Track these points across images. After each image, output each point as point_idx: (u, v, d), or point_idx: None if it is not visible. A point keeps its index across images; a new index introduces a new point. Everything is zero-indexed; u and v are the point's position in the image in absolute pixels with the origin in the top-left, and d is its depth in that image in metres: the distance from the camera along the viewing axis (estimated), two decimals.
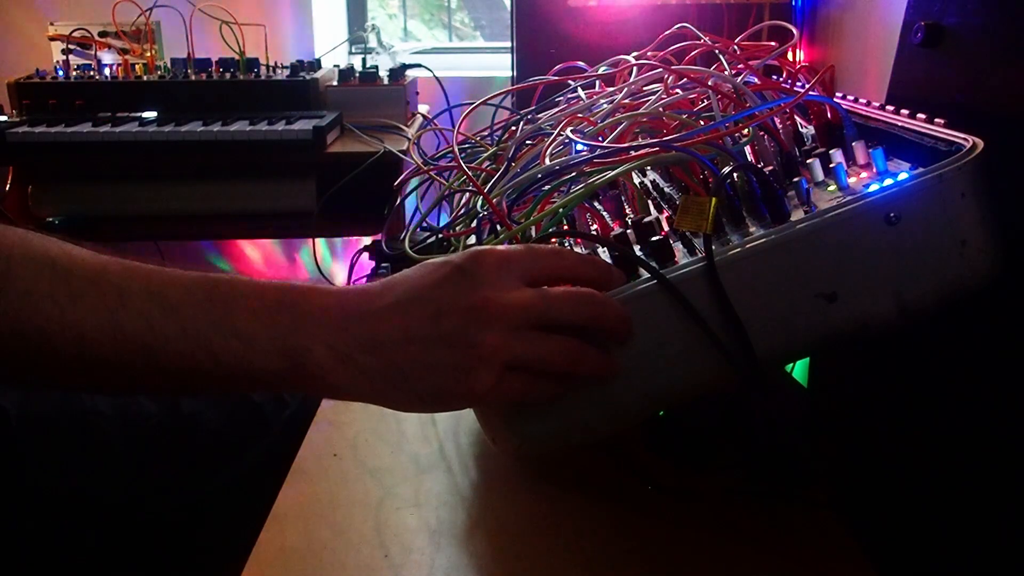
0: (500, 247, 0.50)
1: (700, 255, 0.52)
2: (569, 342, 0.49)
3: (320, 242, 1.85)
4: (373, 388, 0.49)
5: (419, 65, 1.60)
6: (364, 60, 1.60)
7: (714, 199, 0.52)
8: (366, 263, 1.05)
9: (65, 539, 0.71)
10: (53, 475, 0.74)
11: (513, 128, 0.91)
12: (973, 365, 0.60)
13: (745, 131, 0.62)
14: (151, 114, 1.42)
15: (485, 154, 0.89)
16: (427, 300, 0.48)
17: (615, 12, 1.33)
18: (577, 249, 0.64)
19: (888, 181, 0.53)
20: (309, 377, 0.47)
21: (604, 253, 0.61)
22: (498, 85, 1.67)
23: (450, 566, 0.54)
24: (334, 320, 0.47)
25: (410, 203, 1.01)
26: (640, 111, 0.68)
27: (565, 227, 0.63)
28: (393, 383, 0.48)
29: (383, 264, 1.00)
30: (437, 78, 1.55)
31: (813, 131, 0.68)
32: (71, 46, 1.50)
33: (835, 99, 0.67)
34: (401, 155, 1.32)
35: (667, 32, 0.85)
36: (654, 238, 0.54)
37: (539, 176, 0.64)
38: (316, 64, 1.56)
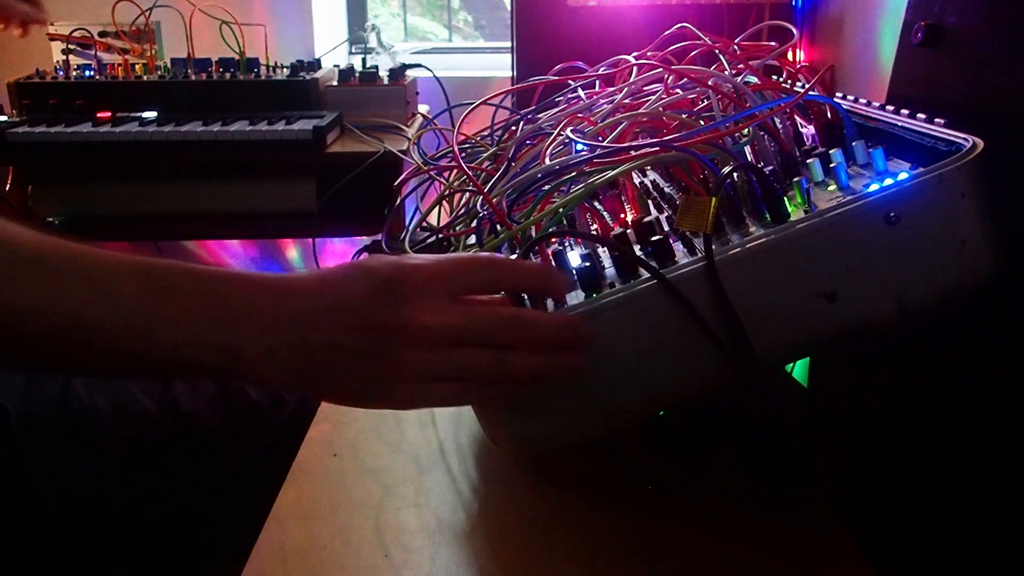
0: (430, 261, 0.50)
1: (700, 255, 0.52)
2: (491, 356, 0.50)
3: (320, 242, 1.85)
4: (300, 385, 0.51)
5: (419, 65, 1.60)
6: (364, 60, 1.60)
7: (714, 199, 0.52)
8: None
9: (64, 538, 0.71)
10: (52, 473, 0.74)
11: (513, 128, 0.91)
12: (973, 365, 0.60)
13: (745, 131, 0.62)
14: (151, 114, 1.42)
15: (485, 154, 0.89)
16: (353, 311, 0.49)
17: (615, 12, 1.33)
18: (577, 249, 0.64)
19: (888, 181, 0.53)
20: (239, 371, 0.48)
21: (604, 253, 0.61)
22: (498, 85, 1.67)
23: (450, 566, 0.54)
24: (266, 319, 0.48)
25: (410, 203, 1.01)
26: (640, 111, 0.68)
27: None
28: (319, 383, 0.50)
29: None
30: (437, 78, 1.55)
31: (813, 131, 0.68)
32: (71, 46, 1.50)
33: (835, 99, 0.67)
34: (401, 155, 1.31)
35: (667, 32, 0.85)
36: (654, 238, 0.54)
37: (539, 176, 0.64)
38: (316, 64, 1.56)
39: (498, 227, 0.63)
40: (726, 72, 0.69)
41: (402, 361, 0.48)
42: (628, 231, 0.59)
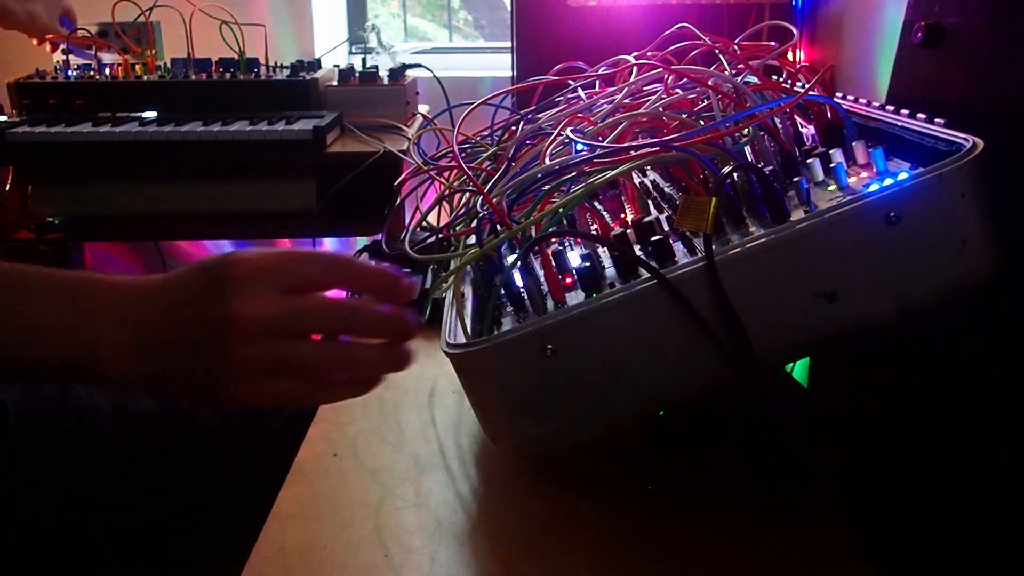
0: (258, 254, 0.49)
1: (700, 255, 0.52)
2: (324, 348, 0.49)
3: (320, 242, 1.85)
4: (150, 386, 0.51)
5: (419, 65, 1.60)
6: (364, 60, 1.59)
7: (714, 199, 0.52)
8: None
9: (64, 538, 0.70)
10: (51, 472, 0.74)
11: (513, 128, 0.91)
12: (973, 364, 0.60)
13: (745, 131, 0.62)
14: (151, 114, 1.42)
15: (485, 154, 0.89)
16: (187, 307, 0.49)
17: (615, 12, 1.33)
18: (577, 249, 0.64)
19: (888, 181, 0.53)
20: (91, 372, 0.48)
21: (604, 253, 0.61)
22: (498, 85, 1.67)
23: (450, 566, 0.54)
24: (113, 322, 0.49)
25: (410, 203, 1.01)
26: (640, 111, 0.68)
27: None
28: (165, 385, 0.50)
29: (383, 264, 1.00)
30: (437, 78, 1.55)
31: (813, 131, 0.68)
32: (70, 47, 1.50)
33: (835, 99, 0.67)
34: (401, 155, 1.31)
35: (667, 32, 0.85)
36: (654, 238, 0.54)
37: (539, 176, 0.64)
38: (316, 64, 1.55)
39: (498, 227, 0.63)
40: (726, 72, 0.69)
41: (233, 355, 0.47)
42: (628, 231, 0.59)
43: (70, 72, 1.49)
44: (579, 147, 0.65)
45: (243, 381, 0.48)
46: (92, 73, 1.49)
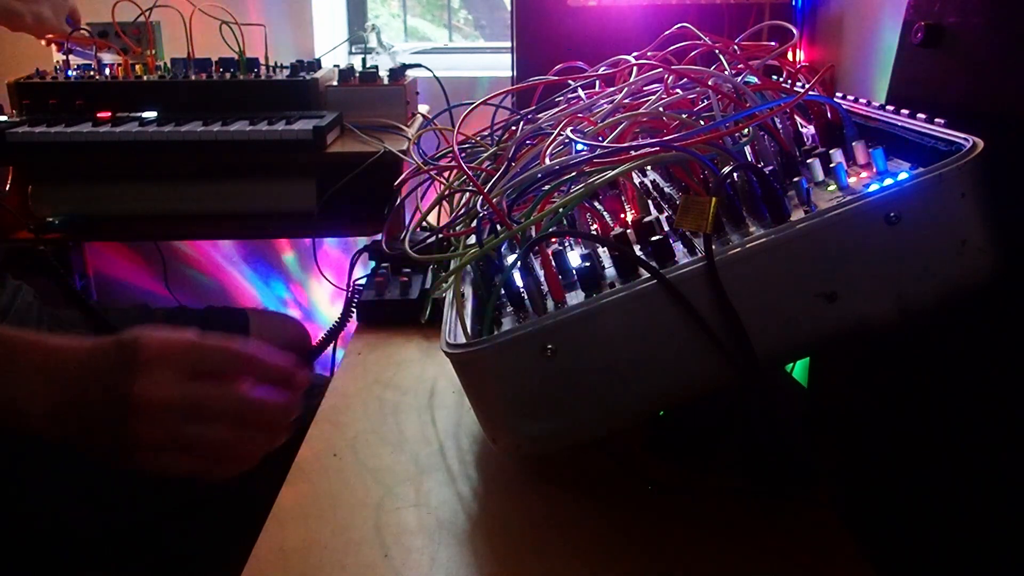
0: (166, 338, 0.55)
1: (700, 255, 0.52)
2: (217, 432, 0.55)
3: (320, 242, 1.85)
4: (71, 442, 0.56)
5: (419, 65, 1.60)
6: (364, 60, 1.59)
7: (714, 199, 0.52)
8: (366, 263, 1.05)
9: (63, 536, 0.70)
10: (51, 471, 0.74)
11: (513, 128, 0.91)
12: (973, 364, 0.60)
13: (745, 131, 0.62)
14: (151, 114, 1.42)
15: (485, 154, 0.89)
16: (99, 380, 0.54)
17: (615, 12, 1.33)
18: (577, 249, 0.64)
19: (888, 181, 0.53)
20: (23, 427, 0.54)
21: (604, 253, 0.61)
22: (498, 85, 1.67)
23: (450, 566, 0.54)
24: (36, 383, 0.54)
25: (410, 203, 1.01)
26: (640, 111, 0.68)
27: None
28: (81, 441, 0.55)
29: (383, 264, 1.00)
30: (437, 78, 1.55)
31: (813, 131, 0.68)
32: (71, 46, 1.50)
33: (835, 99, 0.67)
34: (401, 155, 1.31)
35: (667, 32, 0.85)
36: (654, 238, 0.54)
37: (539, 176, 0.64)
38: (316, 64, 1.55)
39: (498, 227, 0.63)
40: (726, 72, 0.69)
41: (134, 431, 0.53)
42: (628, 231, 0.59)
43: (70, 72, 1.49)
44: (579, 147, 0.65)
45: (144, 452, 0.54)
46: (92, 73, 1.49)
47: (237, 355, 0.56)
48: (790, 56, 1.07)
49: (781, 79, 0.79)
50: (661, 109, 0.68)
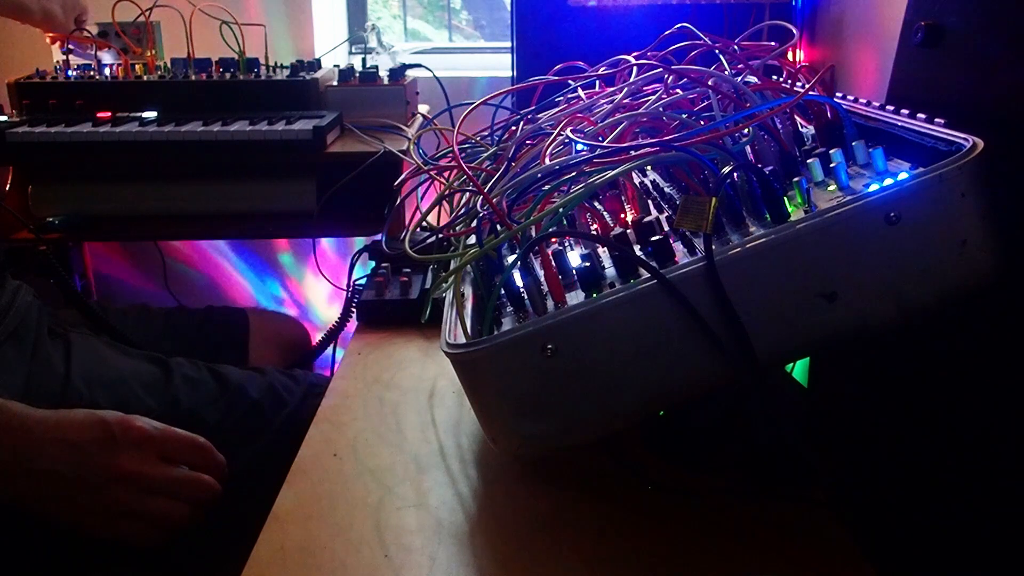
0: (149, 425, 0.69)
1: (700, 255, 0.52)
2: (165, 507, 0.68)
3: (320, 242, 1.85)
4: (28, 505, 0.65)
5: (419, 65, 1.60)
6: (364, 60, 1.59)
7: (714, 199, 0.52)
8: (365, 263, 1.05)
9: (63, 536, 0.70)
10: None
11: (513, 128, 0.91)
12: (973, 365, 0.60)
13: (745, 131, 0.62)
14: (151, 114, 1.42)
15: (485, 154, 0.89)
16: (76, 447, 0.65)
17: (615, 12, 1.33)
18: (577, 249, 0.64)
19: (888, 181, 0.53)
20: None
21: (604, 253, 0.61)
22: (498, 85, 1.67)
23: (450, 566, 0.54)
24: (5, 450, 0.63)
25: (410, 203, 1.01)
26: (640, 111, 0.68)
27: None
28: (39, 505, 0.65)
29: (383, 264, 1.00)
30: (437, 78, 1.55)
31: (813, 131, 0.68)
32: (71, 46, 1.50)
33: (835, 99, 0.67)
34: (401, 155, 1.31)
35: (667, 32, 0.85)
36: (654, 238, 0.54)
37: (539, 176, 0.64)
38: (316, 64, 1.55)
39: (498, 227, 0.63)
40: (726, 72, 0.69)
41: (104, 495, 0.65)
42: (628, 231, 0.59)
43: (70, 72, 1.49)
44: (579, 147, 0.65)
45: (100, 516, 0.66)
46: (92, 73, 1.49)
47: (200, 449, 0.71)
48: (790, 56, 1.07)
49: (781, 79, 0.79)
50: (661, 109, 0.68)
